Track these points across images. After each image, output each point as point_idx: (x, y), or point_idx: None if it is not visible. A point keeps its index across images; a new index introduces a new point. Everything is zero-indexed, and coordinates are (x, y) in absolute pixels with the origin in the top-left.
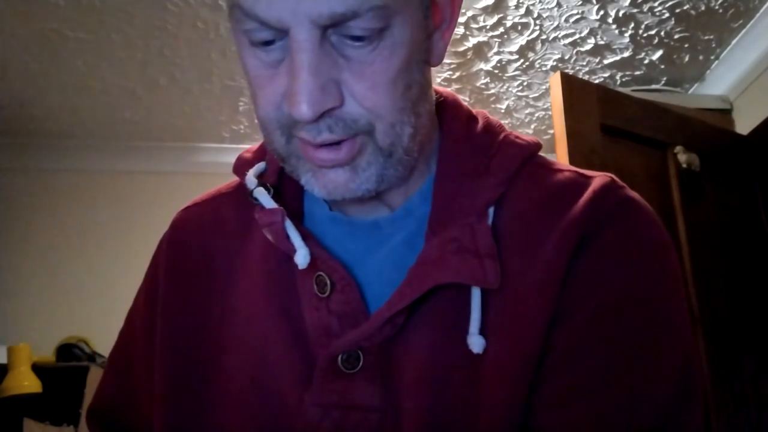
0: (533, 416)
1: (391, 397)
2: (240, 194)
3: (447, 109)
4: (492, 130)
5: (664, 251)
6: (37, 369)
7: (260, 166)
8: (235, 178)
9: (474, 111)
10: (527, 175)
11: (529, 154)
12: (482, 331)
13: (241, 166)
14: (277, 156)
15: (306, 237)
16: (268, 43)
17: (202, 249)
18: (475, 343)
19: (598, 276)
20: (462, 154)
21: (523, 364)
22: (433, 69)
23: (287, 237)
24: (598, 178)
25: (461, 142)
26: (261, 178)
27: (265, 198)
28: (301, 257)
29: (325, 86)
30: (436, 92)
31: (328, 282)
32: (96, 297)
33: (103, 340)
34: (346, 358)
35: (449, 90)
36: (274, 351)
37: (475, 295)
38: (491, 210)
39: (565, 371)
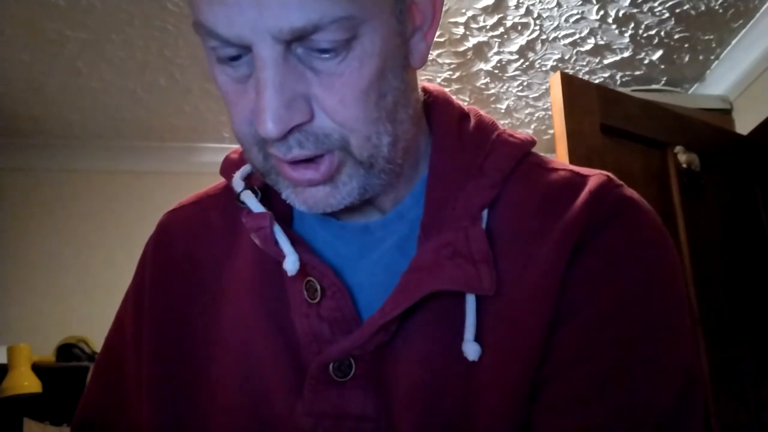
0: (531, 424)
1: (385, 405)
2: (227, 196)
3: (437, 108)
4: (484, 128)
5: (664, 252)
6: (37, 369)
7: (247, 167)
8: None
9: (466, 108)
10: (522, 175)
11: (523, 152)
12: (477, 338)
13: (228, 168)
14: (257, 172)
15: (295, 242)
16: (234, 58)
17: (189, 253)
18: (470, 350)
19: (596, 280)
20: (454, 154)
21: (521, 371)
22: (432, 69)
23: (276, 242)
24: (595, 177)
25: (453, 142)
26: (248, 180)
27: (252, 202)
28: (290, 264)
29: (292, 102)
30: (426, 90)
31: (318, 288)
32: (96, 297)
33: (103, 340)
34: (337, 366)
35: (440, 87)
36: (263, 359)
37: (470, 301)
38: (485, 213)
39: (563, 378)
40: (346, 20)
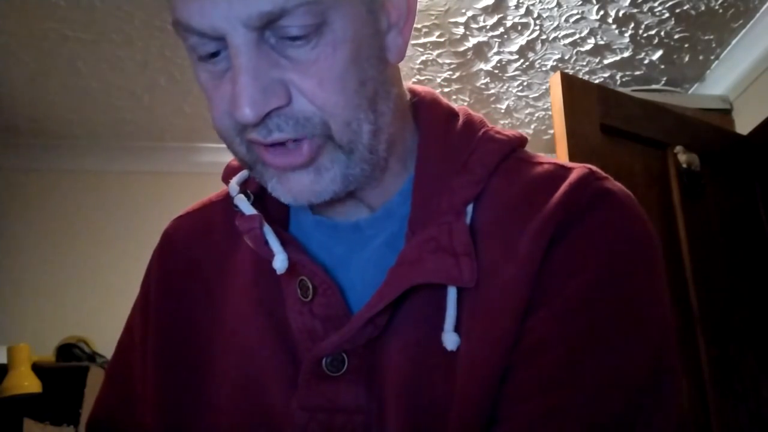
0: (499, 407)
1: (376, 398)
2: (228, 202)
3: (424, 107)
4: (471, 126)
5: (641, 243)
6: (37, 369)
7: (244, 173)
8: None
9: (456, 108)
10: (507, 170)
11: (509, 149)
12: (458, 329)
13: (229, 174)
14: (243, 165)
15: (287, 242)
16: (214, 55)
17: (192, 258)
18: (449, 340)
19: (569, 268)
20: (440, 152)
21: (496, 360)
22: (432, 69)
23: (266, 243)
24: (577, 170)
25: (439, 140)
26: (244, 186)
27: (244, 205)
28: (279, 262)
29: (268, 87)
30: (413, 91)
31: (310, 286)
32: (96, 297)
33: (103, 340)
34: (330, 362)
35: (428, 88)
36: (260, 356)
37: (451, 293)
38: (470, 207)
39: (531, 363)
40: (312, 5)
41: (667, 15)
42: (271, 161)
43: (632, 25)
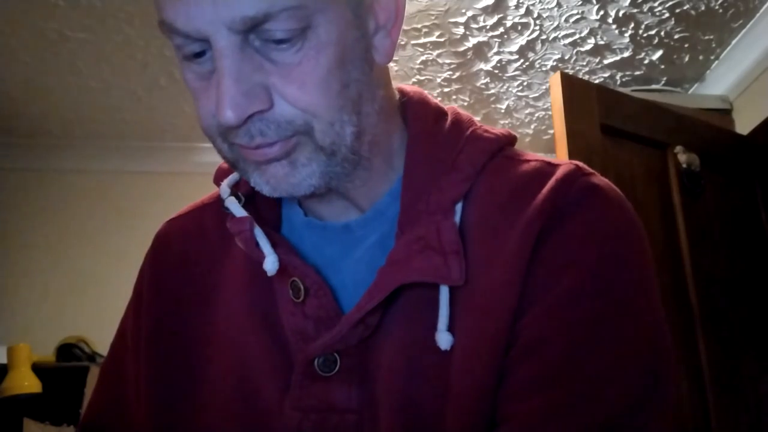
0: (499, 407)
1: (368, 397)
2: (220, 204)
3: (412, 107)
4: (460, 125)
5: (630, 237)
6: (37, 369)
7: (234, 175)
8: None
9: (445, 107)
10: (495, 168)
11: (498, 147)
12: (451, 328)
13: (220, 176)
14: (227, 162)
15: (278, 244)
16: (199, 55)
17: (185, 260)
18: (443, 339)
19: (559, 264)
20: (428, 151)
21: (490, 359)
22: (432, 69)
23: (257, 244)
24: (563, 166)
25: (428, 139)
26: (235, 188)
27: (235, 207)
28: (270, 264)
29: (250, 91)
30: (402, 91)
31: (302, 287)
32: (96, 297)
33: (103, 340)
34: (322, 362)
35: (416, 88)
36: (254, 357)
37: (443, 292)
38: (459, 206)
39: (528, 362)
40: (297, 9)
41: (667, 15)
42: (248, 155)
43: (632, 25)
